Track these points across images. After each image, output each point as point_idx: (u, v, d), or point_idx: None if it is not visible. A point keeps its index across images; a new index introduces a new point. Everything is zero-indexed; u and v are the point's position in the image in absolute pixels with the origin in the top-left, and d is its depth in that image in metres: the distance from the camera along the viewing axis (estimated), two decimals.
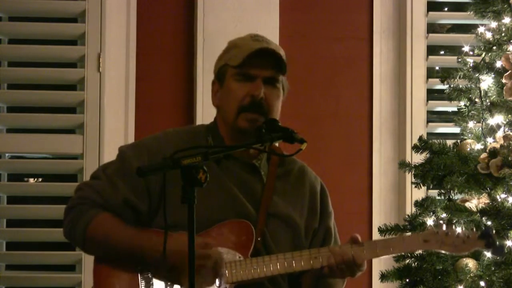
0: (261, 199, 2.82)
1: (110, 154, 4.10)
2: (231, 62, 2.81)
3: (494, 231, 2.83)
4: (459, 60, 3.76)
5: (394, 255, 3.26)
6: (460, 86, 3.73)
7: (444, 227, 2.80)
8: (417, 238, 2.83)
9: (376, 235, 4.10)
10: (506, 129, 3.60)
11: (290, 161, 2.93)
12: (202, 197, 2.36)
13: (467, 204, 3.53)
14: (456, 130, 3.89)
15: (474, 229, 2.86)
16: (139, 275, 2.73)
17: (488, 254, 3.38)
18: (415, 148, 3.71)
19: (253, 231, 2.75)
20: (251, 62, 2.78)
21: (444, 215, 3.56)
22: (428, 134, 4.42)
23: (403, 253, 3.51)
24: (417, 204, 3.68)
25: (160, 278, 2.70)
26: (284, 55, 2.83)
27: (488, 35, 3.71)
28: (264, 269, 2.72)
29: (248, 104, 2.77)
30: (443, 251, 2.84)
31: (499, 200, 3.48)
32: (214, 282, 2.70)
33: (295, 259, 2.74)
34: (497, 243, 2.82)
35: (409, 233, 3.65)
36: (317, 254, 2.75)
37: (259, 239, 2.77)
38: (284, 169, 2.91)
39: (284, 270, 2.73)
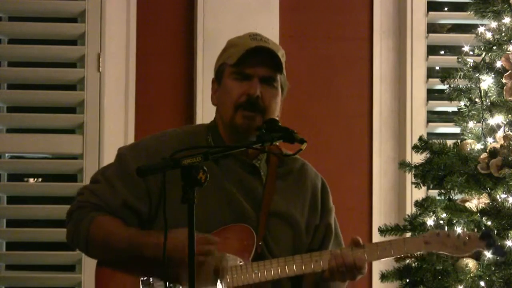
0: (261, 201, 2.82)
1: (110, 154, 4.09)
2: (228, 60, 2.82)
3: (494, 232, 2.83)
4: (459, 60, 3.75)
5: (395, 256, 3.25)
6: (460, 86, 3.72)
7: (445, 229, 2.80)
8: (418, 240, 2.82)
9: (376, 235, 4.09)
10: (506, 129, 3.59)
11: (290, 160, 2.92)
12: (201, 197, 2.35)
13: (467, 204, 3.53)
14: (456, 130, 3.88)
15: (475, 230, 2.85)
16: (140, 281, 2.73)
17: (488, 254, 3.37)
18: (415, 148, 3.71)
19: (254, 235, 2.75)
20: (247, 61, 2.77)
21: (444, 215, 3.56)
22: (428, 134, 4.42)
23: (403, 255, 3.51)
24: (417, 204, 3.68)
25: (160, 275, 2.70)
26: (282, 54, 2.83)
27: (488, 35, 3.70)
28: (265, 273, 2.72)
29: (244, 103, 2.76)
30: (444, 253, 2.84)
31: (499, 200, 3.48)
32: (215, 286, 2.69)
33: (296, 263, 2.74)
34: (498, 243, 2.82)
35: (409, 235, 3.66)
36: (318, 257, 2.75)
37: (260, 243, 2.77)
38: (284, 168, 2.90)
39: (285, 273, 2.73)
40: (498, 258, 3.35)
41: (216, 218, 2.76)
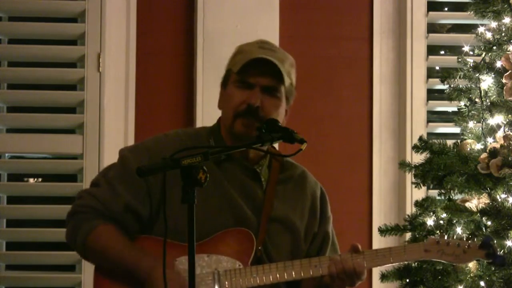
0: (262, 206, 2.82)
1: (110, 154, 4.10)
2: (233, 68, 2.82)
3: (494, 241, 2.83)
4: (459, 60, 3.75)
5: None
6: (460, 86, 3.72)
7: (445, 237, 2.80)
8: (418, 248, 2.82)
9: (376, 235, 4.10)
10: (506, 129, 3.60)
11: (291, 166, 2.93)
12: (202, 199, 2.35)
13: (467, 204, 3.53)
14: (456, 130, 3.88)
15: (475, 239, 2.84)
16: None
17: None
18: (415, 148, 3.71)
19: (253, 239, 2.75)
20: (251, 70, 2.77)
21: (444, 215, 3.56)
22: (428, 134, 4.42)
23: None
24: (417, 204, 3.68)
25: None
26: (291, 63, 2.83)
27: (488, 35, 3.71)
28: (264, 278, 2.72)
29: (244, 111, 2.77)
30: (443, 261, 2.84)
31: (499, 200, 3.48)
32: None
33: (294, 268, 2.74)
34: (498, 253, 2.81)
35: (409, 235, 3.66)
36: (317, 263, 2.75)
37: (260, 247, 2.77)
38: (285, 174, 2.91)
39: (284, 278, 2.73)
40: (498, 267, 3.35)
41: (216, 221, 2.76)
